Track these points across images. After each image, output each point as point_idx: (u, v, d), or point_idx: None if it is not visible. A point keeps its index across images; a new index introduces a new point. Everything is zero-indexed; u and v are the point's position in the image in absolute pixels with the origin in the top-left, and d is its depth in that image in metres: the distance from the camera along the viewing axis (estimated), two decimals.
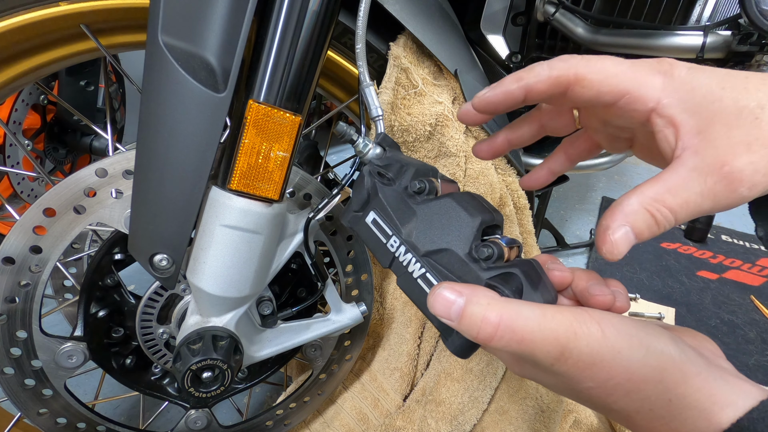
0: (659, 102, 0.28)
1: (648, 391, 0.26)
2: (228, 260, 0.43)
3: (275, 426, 0.66)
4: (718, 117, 0.26)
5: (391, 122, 0.60)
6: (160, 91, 0.37)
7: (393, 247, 0.37)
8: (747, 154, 0.26)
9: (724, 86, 0.27)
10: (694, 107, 0.27)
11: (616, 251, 0.27)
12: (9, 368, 0.48)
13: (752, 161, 0.25)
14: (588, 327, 0.26)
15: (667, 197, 0.27)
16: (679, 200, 0.27)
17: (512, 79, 0.33)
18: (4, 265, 0.45)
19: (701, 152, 0.26)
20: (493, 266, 0.32)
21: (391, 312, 0.74)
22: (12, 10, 0.48)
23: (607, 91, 0.29)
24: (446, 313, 0.29)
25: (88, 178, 0.46)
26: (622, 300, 0.31)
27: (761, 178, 0.26)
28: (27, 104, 1.07)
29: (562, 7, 0.63)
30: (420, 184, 0.38)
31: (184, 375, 0.44)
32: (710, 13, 0.60)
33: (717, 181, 0.26)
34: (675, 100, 0.28)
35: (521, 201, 0.70)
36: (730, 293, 1.42)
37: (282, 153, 0.42)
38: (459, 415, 0.68)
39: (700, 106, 0.27)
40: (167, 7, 0.36)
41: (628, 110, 0.30)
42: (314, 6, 0.40)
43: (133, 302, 0.53)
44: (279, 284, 0.58)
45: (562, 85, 0.31)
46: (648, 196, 0.27)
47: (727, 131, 0.26)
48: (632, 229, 0.27)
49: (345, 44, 0.61)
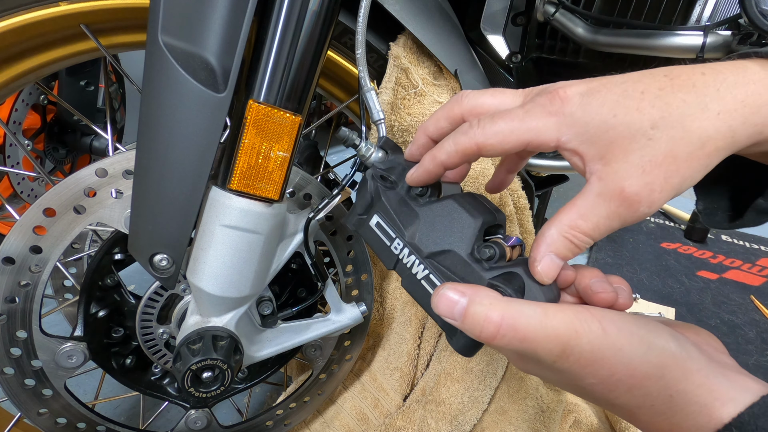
0: (558, 140, 0.30)
1: (649, 387, 0.26)
2: (228, 260, 0.43)
3: (275, 426, 0.66)
4: (614, 144, 0.28)
5: (391, 122, 0.60)
6: (160, 91, 0.37)
7: (397, 249, 0.37)
8: (642, 176, 0.27)
9: (616, 113, 0.28)
10: (591, 138, 0.29)
11: (546, 277, 0.30)
12: (9, 368, 0.48)
13: (647, 182, 0.27)
14: (589, 325, 0.27)
15: (580, 223, 0.29)
16: (590, 224, 0.29)
17: (428, 159, 0.37)
18: (4, 265, 0.45)
19: (603, 178, 0.28)
20: (495, 266, 0.32)
21: (391, 312, 0.74)
22: (12, 10, 0.48)
23: (510, 147, 0.32)
24: (450, 313, 0.29)
25: (88, 178, 0.46)
26: (625, 296, 0.32)
27: (658, 195, 0.28)
28: (27, 104, 1.07)
29: (562, 7, 0.63)
30: (422, 187, 0.38)
31: (184, 375, 0.44)
32: (710, 13, 0.60)
33: (619, 204, 0.28)
34: (572, 135, 0.30)
35: (521, 201, 0.70)
36: (730, 293, 1.43)
37: (282, 153, 0.42)
38: (459, 415, 0.68)
39: (596, 137, 0.29)
40: (167, 7, 0.36)
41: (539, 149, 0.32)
42: (314, 6, 0.40)
43: (133, 302, 0.53)
44: (279, 284, 0.58)
45: (470, 155, 0.34)
46: (564, 225, 0.30)
47: (624, 156, 0.28)
48: (555, 256, 0.30)
49: (345, 44, 0.61)
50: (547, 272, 0.30)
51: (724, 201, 0.37)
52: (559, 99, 0.30)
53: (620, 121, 0.28)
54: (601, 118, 0.29)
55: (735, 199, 0.37)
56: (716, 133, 0.27)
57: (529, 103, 0.32)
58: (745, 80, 0.27)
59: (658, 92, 0.28)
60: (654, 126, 0.27)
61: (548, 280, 0.30)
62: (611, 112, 0.28)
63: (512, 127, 0.31)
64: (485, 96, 0.36)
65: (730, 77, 0.27)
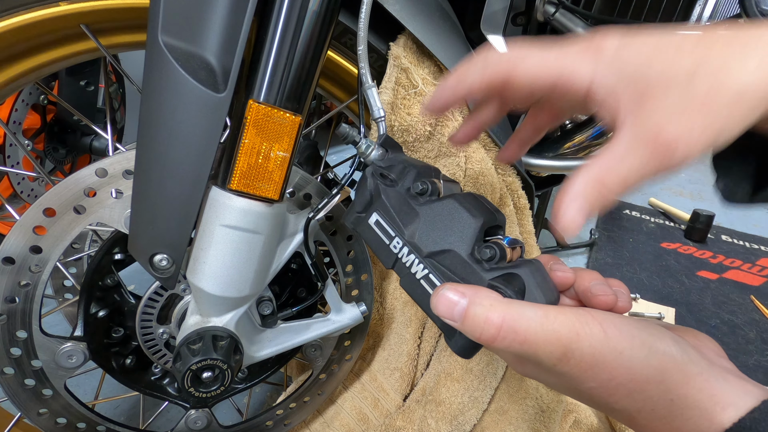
0: (592, 82, 0.29)
1: (650, 392, 0.26)
2: (228, 260, 0.43)
3: (275, 426, 0.66)
4: (651, 87, 0.27)
5: (391, 122, 0.60)
6: (160, 91, 0.37)
7: (396, 248, 0.37)
8: (680, 120, 0.26)
9: (656, 55, 0.27)
10: (627, 81, 0.28)
11: (569, 232, 0.28)
12: (9, 368, 0.48)
13: (686, 126, 0.26)
14: (590, 328, 0.26)
15: (610, 173, 0.27)
16: (621, 174, 0.27)
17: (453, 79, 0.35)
18: (4, 265, 0.45)
19: (637, 124, 0.27)
20: (495, 267, 0.32)
21: (391, 312, 0.74)
22: (12, 10, 0.48)
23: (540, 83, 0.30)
24: (449, 314, 0.29)
25: (88, 178, 0.46)
26: (624, 300, 0.31)
27: (696, 142, 0.26)
28: (27, 104, 1.07)
29: (562, 7, 0.63)
30: (422, 186, 0.38)
31: (184, 375, 0.44)
32: (710, 12, 0.60)
33: (653, 150, 0.26)
34: (607, 77, 0.28)
35: (521, 201, 0.70)
36: (730, 293, 1.42)
37: (282, 153, 0.42)
38: (459, 415, 0.68)
39: (633, 79, 0.27)
40: (167, 7, 0.36)
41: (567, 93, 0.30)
42: (314, 6, 0.40)
43: (133, 302, 0.53)
44: (279, 284, 0.58)
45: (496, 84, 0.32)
46: (592, 174, 0.28)
47: (661, 99, 0.26)
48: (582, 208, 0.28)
49: (345, 44, 0.60)
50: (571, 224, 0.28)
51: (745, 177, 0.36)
52: (596, 44, 0.29)
53: (657, 69, 0.27)
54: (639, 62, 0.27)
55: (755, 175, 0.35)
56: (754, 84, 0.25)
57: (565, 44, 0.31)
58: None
59: (697, 41, 0.27)
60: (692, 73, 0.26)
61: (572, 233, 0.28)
62: (649, 57, 0.27)
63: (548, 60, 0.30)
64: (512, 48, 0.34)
65: None
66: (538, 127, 0.41)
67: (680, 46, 0.27)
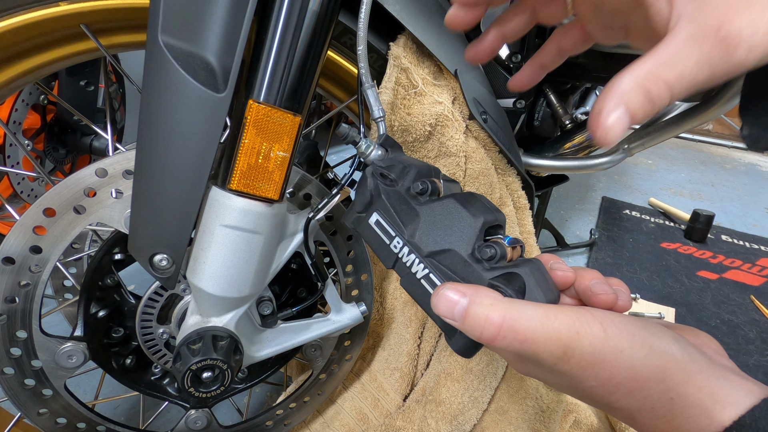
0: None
1: (650, 390, 0.26)
2: (228, 260, 0.43)
3: (275, 426, 0.66)
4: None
5: (391, 122, 0.60)
6: (160, 91, 0.37)
7: (396, 248, 0.37)
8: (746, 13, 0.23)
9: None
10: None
11: (610, 135, 0.26)
12: (9, 368, 0.48)
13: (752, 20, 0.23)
14: (590, 326, 0.26)
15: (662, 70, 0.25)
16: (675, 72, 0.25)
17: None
18: (4, 265, 0.45)
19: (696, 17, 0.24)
20: (495, 266, 0.32)
21: (391, 312, 0.74)
22: (12, 10, 0.48)
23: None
24: (450, 314, 0.29)
25: (88, 178, 0.46)
26: (624, 299, 0.31)
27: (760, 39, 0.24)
28: (27, 104, 1.07)
29: None
30: (422, 185, 0.38)
31: (184, 375, 0.44)
32: None
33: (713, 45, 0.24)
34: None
35: (521, 201, 0.70)
36: (730, 293, 1.42)
37: (282, 153, 0.42)
38: (459, 415, 0.68)
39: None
40: (167, 7, 0.36)
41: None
42: (314, 6, 0.40)
43: (133, 302, 0.53)
44: (279, 284, 0.58)
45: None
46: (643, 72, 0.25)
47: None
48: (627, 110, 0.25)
49: (345, 44, 0.60)
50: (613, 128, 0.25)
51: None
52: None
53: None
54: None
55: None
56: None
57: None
58: None
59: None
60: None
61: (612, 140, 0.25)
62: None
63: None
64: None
65: None
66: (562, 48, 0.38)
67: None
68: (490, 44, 0.40)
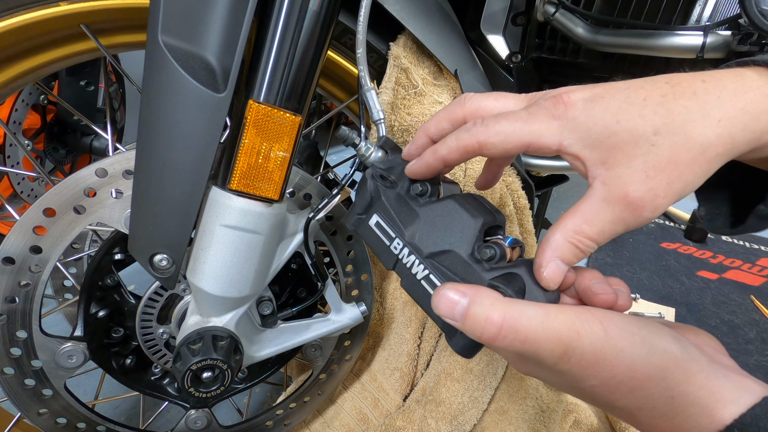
0: (561, 144, 0.30)
1: (651, 389, 0.26)
2: (228, 260, 0.43)
3: (275, 426, 0.66)
4: (617, 149, 0.28)
5: (391, 122, 0.60)
6: (160, 91, 0.37)
7: (396, 249, 0.37)
8: (646, 182, 0.28)
9: (619, 119, 0.28)
10: (593, 143, 0.29)
11: (552, 283, 0.30)
12: (9, 368, 0.48)
13: (651, 187, 0.27)
14: (591, 326, 0.27)
15: (585, 228, 0.29)
16: (595, 229, 0.29)
17: (429, 153, 0.37)
18: (4, 265, 0.45)
19: (607, 183, 0.29)
20: (495, 267, 0.32)
21: (391, 312, 0.74)
22: (12, 10, 0.48)
23: (511, 147, 0.32)
24: (450, 314, 0.29)
25: (88, 178, 0.46)
26: (624, 298, 0.32)
27: (661, 201, 0.28)
28: (27, 104, 1.07)
29: (562, 7, 0.63)
30: (422, 187, 0.38)
31: (184, 375, 0.44)
32: (710, 13, 0.60)
33: (623, 209, 0.28)
34: (574, 140, 0.30)
35: (521, 201, 0.70)
36: (730, 293, 1.43)
37: (282, 153, 0.42)
38: (459, 415, 0.68)
39: (599, 142, 0.29)
40: (167, 7, 0.36)
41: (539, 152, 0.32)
42: (314, 6, 0.40)
43: (133, 302, 0.53)
44: (279, 284, 0.58)
45: (470, 152, 0.34)
46: (569, 230, 0.30)
47: (627, 161, 0.28)
48: (561, 261, 0.30)
49: (345, 44, 0.60)
50: (552, 277, 0.30)
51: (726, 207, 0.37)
52: (563, 103, 0.30)
53: (623, 127, 0.28)
54: (604, 124, 0.29)
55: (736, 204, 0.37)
56: (717, 139, 0.27)
57: (533, 106, 0.32)
58: (744, 88, 0.28)
59: (661, 99, 0.28)
60: (656, 132, 0.28)
61: (554, 286, 0.30)
62: (614, 117, 0.29)
63: (515, 127, 0.32)
64: (488, 99, 0.36)
65: (730, 85, 0.28)
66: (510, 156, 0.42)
67: (644, 105, 0.28)
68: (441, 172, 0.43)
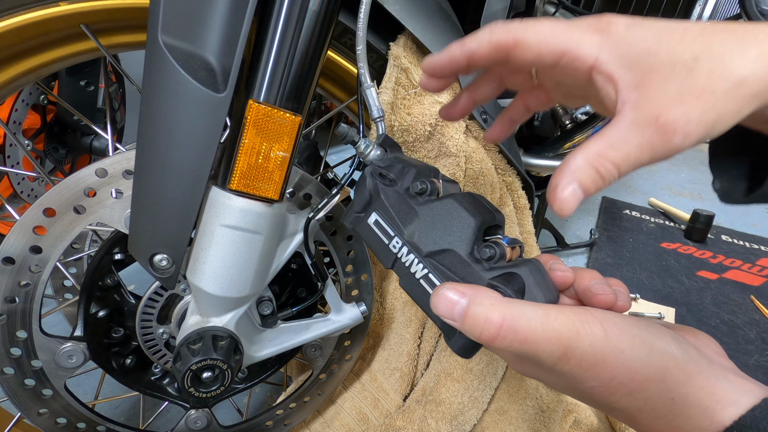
0: (597, 59, 0.29)
1: (651, 391, 0.26)
2: (228, 260, 0.43)
3: (275, 426, 0.66)
4: (654, 70, 0.27)
5: (391, 122, 0.60)
6: (160, 91, 0.37)
7: (395, 248, 0.37)
8: (680, 105, 0.26)
9: (660, 39, 0.28)
10: (631, 62, 0.28)
11: (566, 208, 0.28)
12: (9, 368, 0.48)
13: (685, 111, 0.26)
14: (591, 327, 0.26)
15: (610, 152, 0.28)
16: (620, 154, 0.28)
17: (456, 45, 0.34)
18: (4, 265, 0.45)
19: (638, 106, 0.27)
20: (495, 266, 0.32)
21: (391, 312, 0.74)
22: (12, 10, 0.48)
23: (546, 52, 0.30)
24: (449, 314, 0.29)
25: (88, 178, 0.46)
26: (624, 299, 0.31)
27: (694, 128, 0.27)
28: (27, 104, 1.07)
29: (562, 7, 0.63)
30: (422, 185, 0.38)
31: (184, 375, 0.44)
32: (710, 12, 0.60)
33: (653, 132, 0.27)
34: (612, 56, 0.29)
35: (521, 201, 0.70)
36: (730, 293, 1.42)
37: (282, 153, 0.42)
38: (459, 415, 0.68)
39: (637, 61, 0.28)
40: (167, 7, 0.36)
41: (570, 69, 0.30)
42: (314, 6, 0.40)
43: (133, 302, 0.53)
44: (279, 284, 0.58)
45: (502, 49, 0.32)
46: (592, 152, 0.28)
47: (663, 84, 0.27)
48: (579, 186, 0.28)
49: (345, 44, 0.61)
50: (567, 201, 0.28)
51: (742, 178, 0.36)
52: (606, 20, 0.30)
53: (663, 49, 0.27)
54: (645, 44, 0.28)
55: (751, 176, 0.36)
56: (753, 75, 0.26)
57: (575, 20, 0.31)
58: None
59: (701, 30, 0.28)
60: (696, 58, 0.27)
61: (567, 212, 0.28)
62: (656, 38, 0.28)
63: (555, 31, 0.30)
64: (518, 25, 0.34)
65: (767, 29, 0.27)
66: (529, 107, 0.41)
67: (685, 33, 0.27)
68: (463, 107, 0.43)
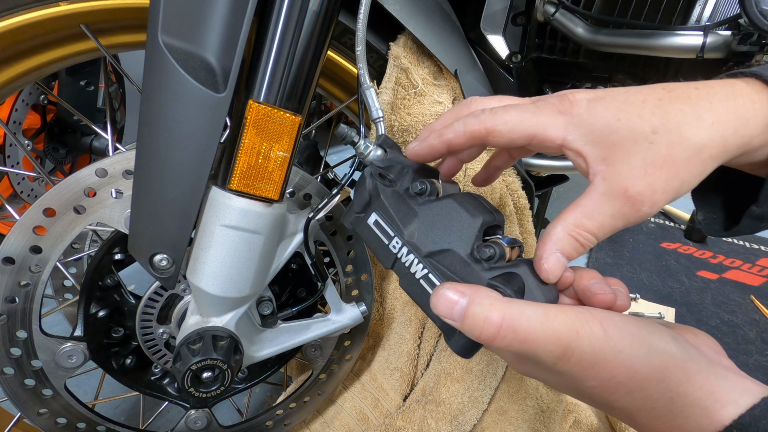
0: (564, 139, 0.32)
1: (650, 390, 0.26)
2: (228, 260, 0.43)
3: (275, 426, 0.66)
4: (617, 146, 0.30)
5: (391, 122, 0.60)
6: (160, 91, 0.37)
7: (395, 248, 0.37)
8: (645, 177, 0.29)
9: (620, 117, 0.30)
10: (595, 140, 0.31)
11: (552, 276, 0.30)
12: (9, 368, 0.48)
13: (650, 183, 0.29)
14: (590, 326, 0.27)
15: (586, 222, 0.30)
16: (595, 223, 0.30)
17: (435, 136, 0.37)
18: (4, 265, 0.45)
19: (607, 178, 0.30)
20: (495, 266, 0.32)
21: (391, 312, 0.74)
22: (12, 10, 0.48)
23: (517, 137, 0.33)
24: (449, 314, 0.29)
25: (88, 178, 0.46)
26: (623, 298, 0.32)
27: (660, 197, 0.29)
28: (27, 104, 1.07)
29: (562, 7, 0.63)
30: (421, 186, 0.38)
31: (184, 375, 0.44)
32: (710, 13, 0.60)
33: (623, 203, 0.29)
34: (577, 135, 0.31)
35: (521, 201, 0.70)
36: (730, 293, 1.42)
37: (282, 153, 0.42)
38: (459, 415, 0.68)
39: (600, 138, 0.30)
40: (167, 7, 0.36)
41: (542, 147, 0.33)
42: (314, 6, 0.40)
43: (133, 302, 0.53)
44: (279, 284, 0.58)
45: (477, 138, 0.35)
46: (570, 224, 0.30)
47: (627, 158, 0.29)
48: (562, 254, 0.30)
49: (345, 44, 0.61)
50: (553, 270, 0.30)
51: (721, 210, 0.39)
52: (568, 101, 0.32)
53: (623, 125, 0.30)
54: (606, 122, 0.30)
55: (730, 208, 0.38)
56: (710, 140, 0.29)
57: (539, 101, 0.34)
58: (734, 94, 0.29)
59: (658, 102, 0.30)
60: (655, 131, 0.29)
61: (554, 279, 0.30)
62: (615, 116, 0.30)
63: (522, 118, 0.33)
64: (493, 101, 0.37)
65: (721, 92, 0.30)
66: (512, 156, 0.44)
67: (643, 107, 0.30)
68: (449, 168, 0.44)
